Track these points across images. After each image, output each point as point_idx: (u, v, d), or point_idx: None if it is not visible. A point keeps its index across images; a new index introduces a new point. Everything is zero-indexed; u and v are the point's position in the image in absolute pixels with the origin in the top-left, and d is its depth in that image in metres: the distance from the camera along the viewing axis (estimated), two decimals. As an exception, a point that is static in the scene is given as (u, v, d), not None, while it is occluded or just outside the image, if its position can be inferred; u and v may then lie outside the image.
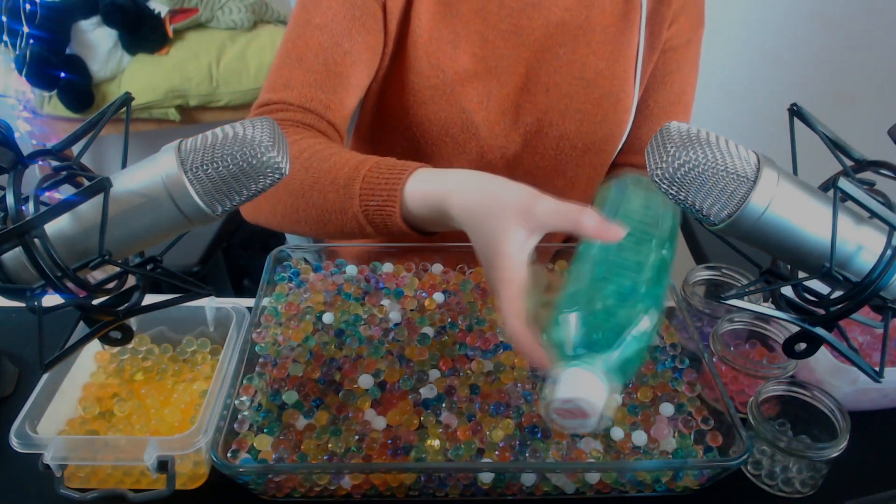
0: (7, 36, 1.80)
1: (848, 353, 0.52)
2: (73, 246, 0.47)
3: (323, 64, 0.81)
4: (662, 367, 0.71)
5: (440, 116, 0.86)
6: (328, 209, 0.72)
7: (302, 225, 0.77)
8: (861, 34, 1.97)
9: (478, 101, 0.87)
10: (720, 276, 0.83)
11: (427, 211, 0.66)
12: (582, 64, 0.88)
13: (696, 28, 0.93)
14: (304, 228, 0.77)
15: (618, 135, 0.93)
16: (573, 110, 0.89)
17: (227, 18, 2.02)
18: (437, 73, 0.85)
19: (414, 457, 0.62)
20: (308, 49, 0.81)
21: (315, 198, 0.72)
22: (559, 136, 0.90)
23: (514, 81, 0.88)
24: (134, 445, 0.61)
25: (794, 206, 0.47)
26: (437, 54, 0.84)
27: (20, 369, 0.77)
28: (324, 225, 0.74)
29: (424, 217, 0.67)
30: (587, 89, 0.88)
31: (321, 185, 0.72)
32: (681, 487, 0.65)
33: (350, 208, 0.70)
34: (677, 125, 0.48)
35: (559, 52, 0.87)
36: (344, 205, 0.70)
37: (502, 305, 0.55)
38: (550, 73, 0.88)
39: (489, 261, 0.58)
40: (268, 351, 0.71)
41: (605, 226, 0.53)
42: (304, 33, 0.81)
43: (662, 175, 0.47)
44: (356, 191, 0.69)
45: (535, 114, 0.89)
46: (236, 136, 0.46)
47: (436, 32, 0.84)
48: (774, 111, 0.96)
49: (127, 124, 0.53)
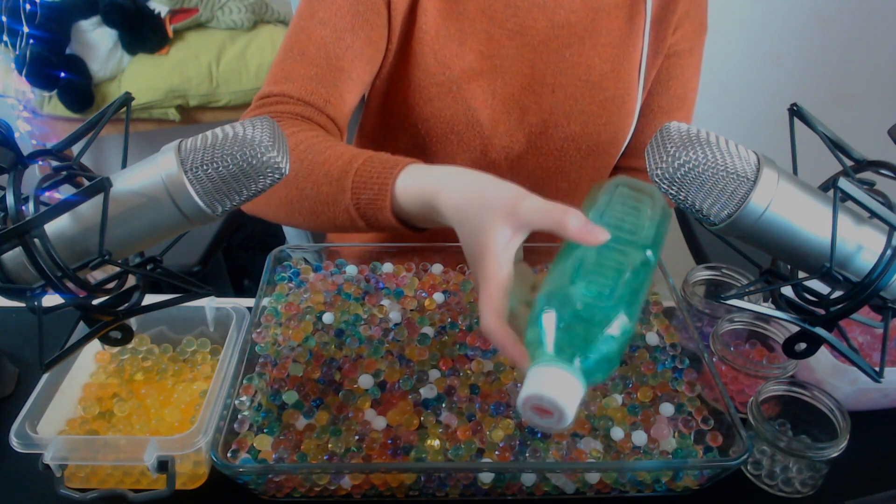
0: (7, 36, 1.80)
1: (848, 353, 0.52)
2: (73, 246, 0.47)
3: (325, 58, 0.80)
4: (662, 367, 0.71)
5: (445, 113, 0.87)
6: (321, 201, 0.72)
7: (296, 216, 0.77)
8: (861, 34, 1.97)
9: (483, 98, 0.87)
10: (720, 276, 0.83)
11: (417, 206, 0.65)
12: (587, 66, 0.88)
13: (700, 34, 0.94)
14: (298, 220, 0.78)
15: (621, 137, 0.93)
16: (578, 112, 0.89)
17: (227, 18, 2.02)
18: (443, 70, 0.85)
19: (414, 457, 0.62)
20: (310, 43, 0.81)
21: (308, 189, 0.72)
22: (564, 137, 0.90)
23: (519, 81, 0.88)
24: (134, 445, 0.61)
25: (794, 206, 0.47)
26: (444, 51, 0.85)
27: (20, 369, 0.77)
28: (317, 216, 0.74)
29: (415, 213, 0.66)
30: (592, 91, 0.89)
31: (315, 177, 0.72)
32: (681, 487, 0.65)
33: (342, 201, 0.70)
34: (677, 125, 0.48)
35: (565, 53, 0.87)
36: (336, 197, 0.70)
37: (481, 302, 0.54)
38: (556, 74, 0.88)
39: (474, 258, 0.58)
40: (268, 351, 0.71)
41: (589, 228, 0.52)
42: (308, 27, 0.81)
43: (662, 175, 0.47)
44: (348, 184, 0.69)
45: (540, 114, 0.89)
46: (236, 136, 0.46)
47: (442, 30, 0.84)
48: (774, 111, 0.96)
49: (127, 124, 0.53)
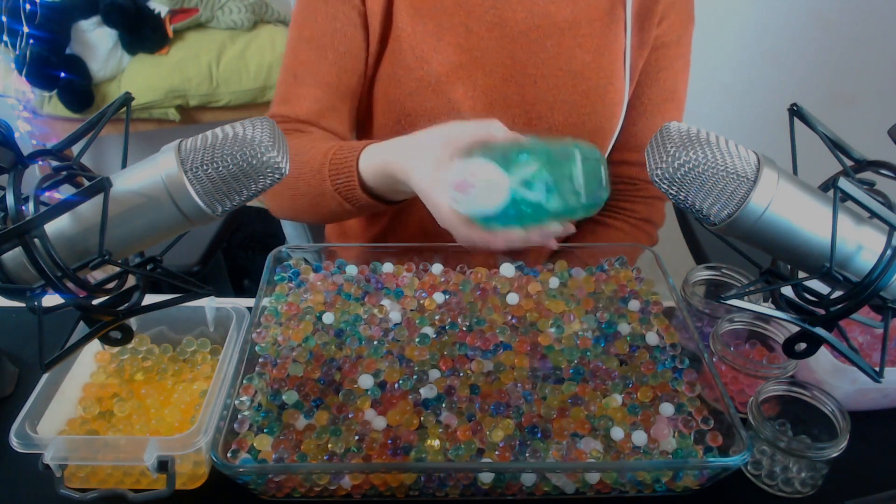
0: (7, 36, 1.80)
1: (848, 353, 0.52)
2: (73, 246, 0.47)
3: (313, 78, 0.88)
4: (662, 367, 0.71)
5: (427, 108, 0.88)
6: (312, 194, 0.82)
7: (305, 214, 0.89)
8: (861, 34, 1.97)
9: (464, 91, 0.88)
10: (720, 276, 0.83)
11: (381, 179, 0.75)
12: (569, 56, 0.89)
13: (686, 24, 0.94)
14: (308, 217, 0.90)
15: (609, 128, 0.94)
16: (561, 101, 0.90)
17: (227, 18, 2.02)
18: (421, 65, 0.87)
19: (414, 457, 0.62)
20: (299, 64, 0.89)
21: (302, 187, 0.82)
22: (548, 127, 0.91)
23: (500, 73, 0.89)
24: (134, 445, 0.61)
25: (794, 206, 0.47)
26: (422, 47, 0.87)
27: (20, 369, 0.77)
28: (317, 209, 0.84)
29: (381, 186, 0.76)
30: (574, 81, 0.90)
31: (304, 175, 0.81)
32: (681, 487, 0.65)
33: (327, 189, 0.79)
34: (677, 125, 0.48)
35: (546, 44, 0.89)
36: (322, 187, 0.80)
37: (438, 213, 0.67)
38: (538, 65, 0.89)
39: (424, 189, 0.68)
40: (268, 351, 0.71)
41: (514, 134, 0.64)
42: (296, 47, 0.89)
43: (662, 175, 0.47)
44: (326, 173, 0.79)
45: (522, 105, 0.90)
46: (236, 136, 0.46)
47: (419, 26, 0.86)
48: (774, 111, 0.96)
49: (127, 124, 0.53)
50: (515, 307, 0.78)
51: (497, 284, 0.80)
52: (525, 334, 0.74)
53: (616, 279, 0.82)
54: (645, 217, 1.01)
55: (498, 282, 0.81)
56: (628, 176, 1.00)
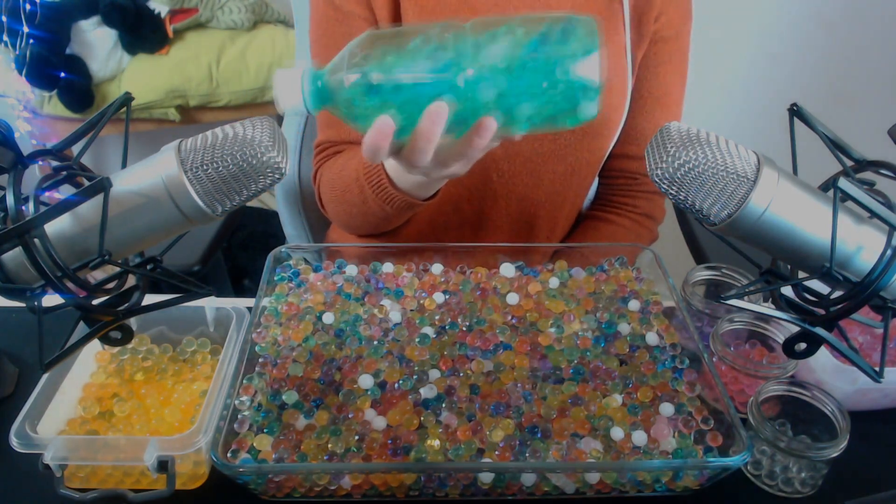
0: (7, 36, 1.80)
1: (848, 353, 0.52)
2: (73, 246, 0.47)
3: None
4: (662, 367, 0.71)
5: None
6: (358, 203, 0.84)
7: (363, 226, 0.93)
8: (861, 34, 1.97)
9: None
10: (720, 276, 0.83)
11: (401, 172, 0.76)
12: None
13: (685, 20, 0.95)
14: (366, 228, 0.93)
15: (614, 119, 0.94)
16: None
17: (227, 18, 2.02)
18: None
19: (414, 457, 0.62)
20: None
21: (350, 199, 0.86)
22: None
23: None
24: (134, 445, 0.61)
25: (794, 206, 0.47)
26: None
27: (20, 369, 0.77)
28: (369, 218, 0.86)
29: (404, 179, 0.77)
30: None
31: (349, 189, 0.85)
32: (681, 487, 0.65)
33: (369, 195, 0.81)
34: (677, 125, 0.48)
35: None
36: (364, 195, 0.82)
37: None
38: None
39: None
40: (268, 351, 0.71)
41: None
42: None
43: (662, 175, 0.47)
44: (364, 180, 0.81)
45: None
46: (236, 136, 0.46)
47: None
48: (774, 111, 0.96)
49: (127, 124, 0.53)
50: (515, 307, 0.78)
51: (497, 284, 0.80)
52: (525, 334, 0.74)
53: (616, 279, 0.82)
54: (646, 212, 1.02)
55: (498, 282, 0.81)
56: (628, 170, 1.00)
